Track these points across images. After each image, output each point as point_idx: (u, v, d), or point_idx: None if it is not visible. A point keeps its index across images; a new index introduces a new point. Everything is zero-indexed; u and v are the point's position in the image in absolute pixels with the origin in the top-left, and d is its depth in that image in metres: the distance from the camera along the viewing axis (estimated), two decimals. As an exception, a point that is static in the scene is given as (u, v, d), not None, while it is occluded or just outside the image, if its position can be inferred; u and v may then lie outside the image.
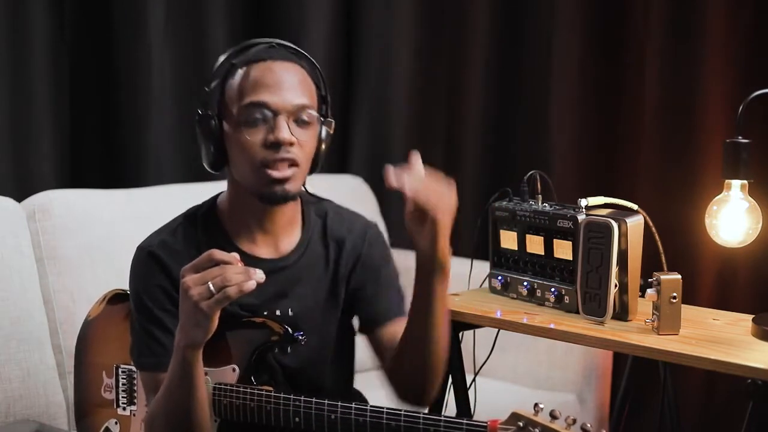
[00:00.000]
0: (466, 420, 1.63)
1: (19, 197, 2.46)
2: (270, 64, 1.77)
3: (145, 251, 1.81)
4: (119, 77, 2.90)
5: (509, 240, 2.06)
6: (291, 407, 1.71)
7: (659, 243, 1.98)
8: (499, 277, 2.08)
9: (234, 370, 1.77)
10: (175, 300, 1.66)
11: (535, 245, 2.01)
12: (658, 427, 2.26)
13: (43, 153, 2.79)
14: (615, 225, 1.83)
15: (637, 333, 1.81)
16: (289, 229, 1.86)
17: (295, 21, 3.21)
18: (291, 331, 1.79)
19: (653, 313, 1.80)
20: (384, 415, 1.66)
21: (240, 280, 1.55)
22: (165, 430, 1.72)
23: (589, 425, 1.46)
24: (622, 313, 1.88)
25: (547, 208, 2.00)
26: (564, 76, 2.92)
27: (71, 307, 2.36)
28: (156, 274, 1.78)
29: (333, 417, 1.69)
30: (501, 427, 1.55)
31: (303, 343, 1.81)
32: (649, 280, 1.81)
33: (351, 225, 1.93)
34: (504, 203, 2.07)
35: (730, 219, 1.84)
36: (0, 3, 2.68)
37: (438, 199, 1.64)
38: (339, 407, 1.68)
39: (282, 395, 1.72)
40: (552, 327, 1.87)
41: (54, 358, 2.35)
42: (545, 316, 1.93)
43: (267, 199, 1.77)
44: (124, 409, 1.91)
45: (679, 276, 1.79)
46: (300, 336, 1.81)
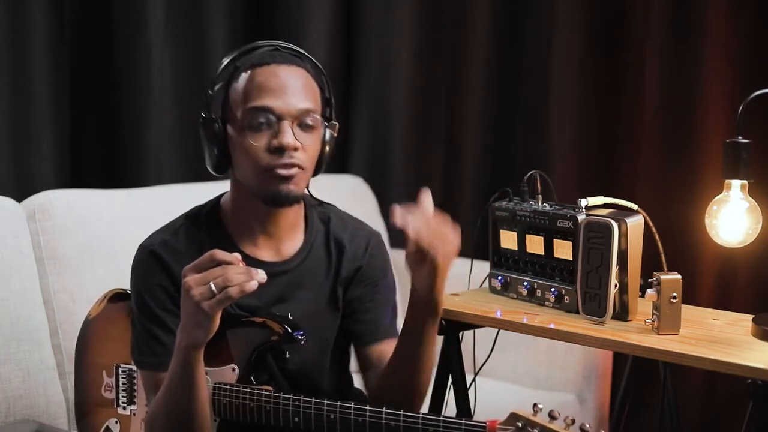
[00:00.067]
0: (465, 420, 1.63)
1: (19, 197, 2.46)
2: (274, 68, 1.76)
3: (147, 250, 1.81)
4: (119, 77, 2.89)
5: (509, 240, 2.06)
6: (290, 407, 1.71)
7: (659, 243, 1.97)
8: (499, 277, 2.08)
9: (234, 369, 1.77)
10: (176, 300, 1.66)
11: (535, 245, 2.01)
12: (658, 427, 2.26)
13: (43, 153, 2.79)
14: (615, 225, 1.83)
15: (637, 333, 1.81)
16: (292, 233, 1.86)
17: (295, 21, 3.21)
18: (291, 331, 1.79)
19: (653, 313, 1.80)
20: (383, 415, 1.66)
21: (242, 280, 1.55)
22: (165, 429, 1.72)
23: (588, 425, 1.46)
24: (622, 313, 1.88)
25: (547, 208, 2.00)
26: (564, 76, 2.92)
27: (71, 307, 2.36)
28: (157, 273, 1.78)
29: (332, 417, 1.69)
30: (500, 428, 1.55)
31: (303, 343, 1.81)
32: (649, 280, 1.81)
33: (354, 233, 1.92)
34: (504, 203, 2.07)
35: (730, 219, 1.84)
36: (0, 3, 2.68)
37: (440, 243, 1.64)
38: (338, 407, 1.68)
39: (281, 395, 1.72)
40: (552, 327, 1.87)
41: (54, 358, 2.34)
42: (545, 316, 1.93)
43: (271, 201, 1.77)
44: (124, 409, 1.91)
45: (679, 276, 1.79)
46: (300, 335, 1.80)
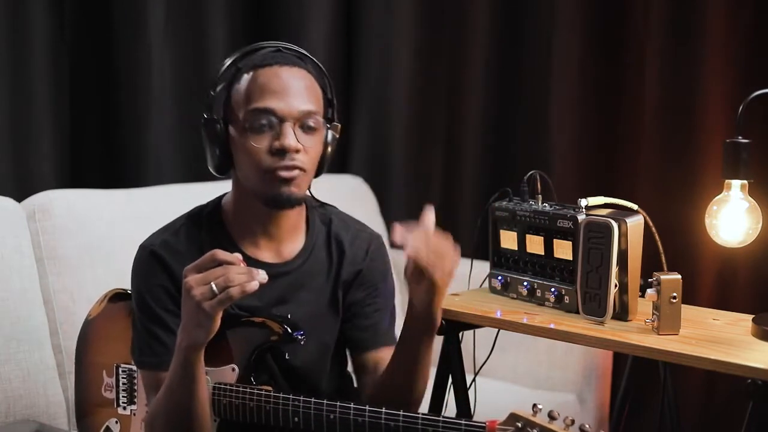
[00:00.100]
0: (464, 420, 1.63)
1: (19, 197, 2.46)
2: (277, 69, 1.76)
3: (148, 250, 1.80)
4: (119, 77, 2.90)
5: (509, 240, 2.06)
6: (290, 407, 1.71)
7: (659, 243, 1.97)
8: (499, 277, 2.08)
9: (233, 369, 1.77)
10: (177, 300, 1.65)
11: (535, 245, 2.00)
12: (658, 427, 2.26)
13: (43, 153, 2.79)
14: (615, 225, 1.83)
15: (637, 333, 1.81)
16: (293, 234, 1.86)
17: (295, 21, 3.21)
18: (290, 331, 1.79)
19: (653, 313, 1.80)
20: (382, 416, 1.66)
21: (243, 280, 1.55)
22: (165, 429, 1.72)
23: (588, 426, 1.46)
24: (622, 313, 1.88)
25: (547, 208, 2.00)
26: (564, 76, 2.92)
27: (71, 307, 2.36)
28: (158, 273, 1.78)
29: (332, 417, 1.68)
30: (499, 428, 1.55)
31: (302, 344, 1.81)
32: (649, 280, 1.81)
33: (355, 235, 1.92)
34: (504, 203, 2.07)
35: (730, 219, 1.84)
36: (0, 3, 2.68)
37: (439, 261, 1.64)
38: (338, 407, 1.68)
39: (281, 395, 1.72)
40: (552, 327, 1.87)
41: (54, 358, 2.34)
42: (545, 316, 1.93)
43: (272, 203, 1.77)
44: (124, 409, 1.91)
45: (679, 276, 1.79)
46: (299, 335, 1.80)
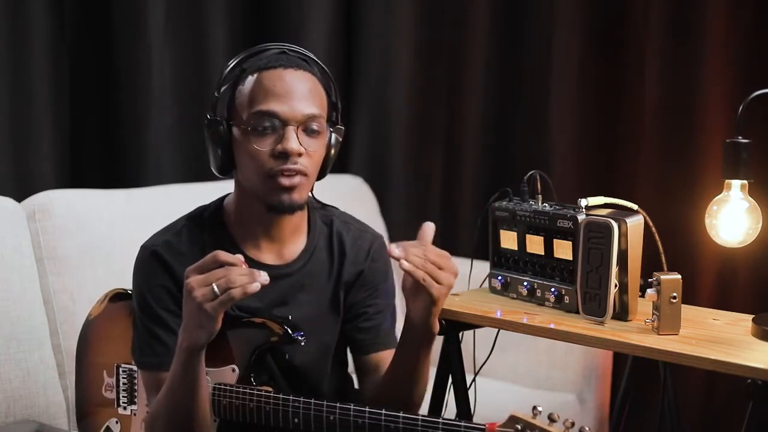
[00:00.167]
0: (464, 422, 1.62)
1: (19, 197, 2.46)
2: (281, 72, 1.75)
3: (149, 251, 1.80)
4: (119, 77, 2.90)
5: (509, 240, 2.06)
6: (290, 408, 1.71)
7: (659, 243, 1.97)
8: (499, 277, 2.08)
9: (234, 370, 1.77)
10: (178, 300, 1.65)
11: (535, 245, 2.00)
12: (658, 427, 2.26)
13: (43, 153, 2.79)
14: (615, 225, 1.83)
15: (637, 333, 1.81)
16: (295, 236, 1.86)
17: (295, 21, 3.21)
18: (291, 332, 1.79)
19: (653, 313, 1.80)
20: (382, 417, 1.66)
21: (244, 281, 1.55)
22: (166, 429, 1.72)
23: (588, 428, 1.46)
24: (622, 313, 1.88)
25: (547, 208, 1.99)
26: (564, 76, 2.92)
27: (71, 307, 2.36)
28: (159, 274, 1.78)
29: (332, 418, 1.68)
30: (499, 430, 1.55)
31: (303, 345, 1.81)
32: (649, 280, 1.81)
33: (357, 236, 1.92)
34: (504, 203, 2.07)
35: (730, 219, 1.83)
36: (0, 3, 2.68)
37: (436, 276, 1.64)
38: (338, 408, 1.68)
39: (281, 396, 1.72)
40: (552, 327, 1.86)
41: (54, 358, 2.34)
42: (545, 316, 1.93)
43: (274, 209, 1.76)
44: (124, 409, 1.91)
45: (679, 276, 1.79)
46: (300, 336, 1.80)
